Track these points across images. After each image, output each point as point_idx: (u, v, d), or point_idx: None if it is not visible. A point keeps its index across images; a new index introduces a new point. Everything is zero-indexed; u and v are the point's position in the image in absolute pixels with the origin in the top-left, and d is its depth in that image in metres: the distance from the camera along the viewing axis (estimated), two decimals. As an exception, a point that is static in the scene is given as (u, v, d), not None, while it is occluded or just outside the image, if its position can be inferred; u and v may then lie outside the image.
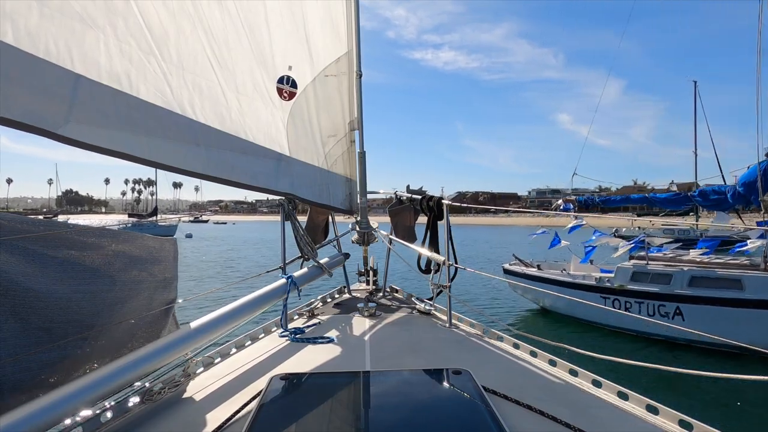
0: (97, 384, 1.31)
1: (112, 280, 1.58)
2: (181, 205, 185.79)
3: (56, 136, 1.41)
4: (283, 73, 2.55)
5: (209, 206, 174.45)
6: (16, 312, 1.29)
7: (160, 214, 43.90)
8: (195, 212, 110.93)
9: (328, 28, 2.91)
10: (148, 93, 1.74)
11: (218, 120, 2.08)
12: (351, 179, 3.22)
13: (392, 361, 1.89)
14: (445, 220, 2.70)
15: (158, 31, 1.80)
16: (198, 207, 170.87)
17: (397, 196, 3.41)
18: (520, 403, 1.46)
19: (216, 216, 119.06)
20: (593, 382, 1.69)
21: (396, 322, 2.54)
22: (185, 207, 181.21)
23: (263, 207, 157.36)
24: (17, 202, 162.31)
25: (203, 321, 1.77)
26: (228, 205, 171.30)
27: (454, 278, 2.60)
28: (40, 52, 1.38)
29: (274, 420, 1.28)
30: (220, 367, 1.92)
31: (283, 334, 2.29)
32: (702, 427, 1.36)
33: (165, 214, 75.35)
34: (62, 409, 1.21)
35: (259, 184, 2.37)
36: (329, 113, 2.98)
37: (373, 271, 3.47)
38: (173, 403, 1.57)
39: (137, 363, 1.46)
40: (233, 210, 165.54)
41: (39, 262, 1.37)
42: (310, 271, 2.74)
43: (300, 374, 1.69)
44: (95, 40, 1.56)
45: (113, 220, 38.33)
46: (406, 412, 1.33)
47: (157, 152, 1.78)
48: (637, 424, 1.42)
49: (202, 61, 2.02)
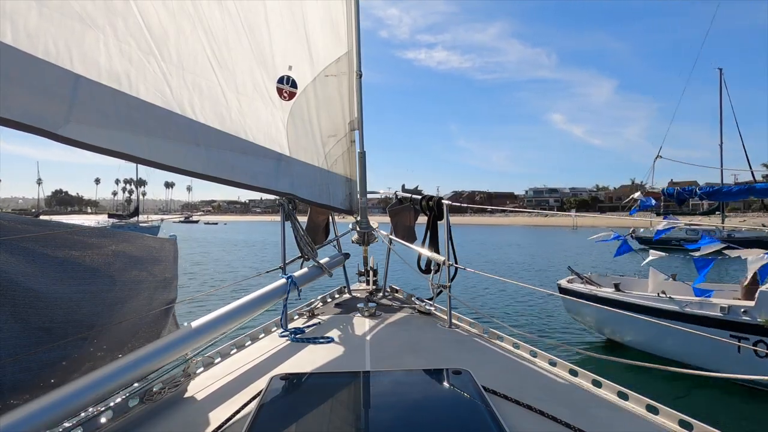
0: (97, 384, 1.31)
1: (112, 280, 1.58)
2: (173, 205, 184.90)
3: (56, 137, 1.41)
4: (283, 73, 2.55)
5: (202, 206, 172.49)
6: (16, 312, 1.29)
7: (146, 214, 42.22)
8: (187, 212, 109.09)
9: (328, 28, 2.91)
10: (148, 93, 1.74)
11: (218, 120, 2.08)
12: (351, 179, 3.22)
13: (392, 361, 1.89)
14: (445, 220, 2.70)
15: (158, 31, 1.80)
16: (190, 207, 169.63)
17: (397, 196, 3.41)
18: (520, 403, 1.46)
19: (207, 216, 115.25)
20: (593, 382, 1.69)
21: (396, 322, 2.54)
22: (177, 207, 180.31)
23: (257, 207, 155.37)
24: (7, 202, 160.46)
25: (203, 321, 1.77)
26: (221, 205, 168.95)
27: (454, 278, 2.60)
28: (39, 53, 1.38)
29: (274, 420, 1.27)
30: (220, 367, 1.92)
31: (283, 334, 2.29)
32: (702, 427, 1.36)
33: (148, 214, 72.53)
34: (62, 409, 1.21)
35: (259, 184, 2.37)
36: (329, 113, 2.98)
37: (373, 271, 3.47)
38: (173, 403, 1.57)
39: (137, 363, 1.46)
40: (226, 210, 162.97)
41: (39, 262, 1.38)
42: (310, 271, 2.74)
43: (300, 374, 1.69)
44: (95, 40, 1.56)
45: (91, 220, 36.87)
46: (406, 412, 1.33)
47: (157, 152, 1.78)
48: (637, 424, 1.42)
49: (202, 61, 2.02)
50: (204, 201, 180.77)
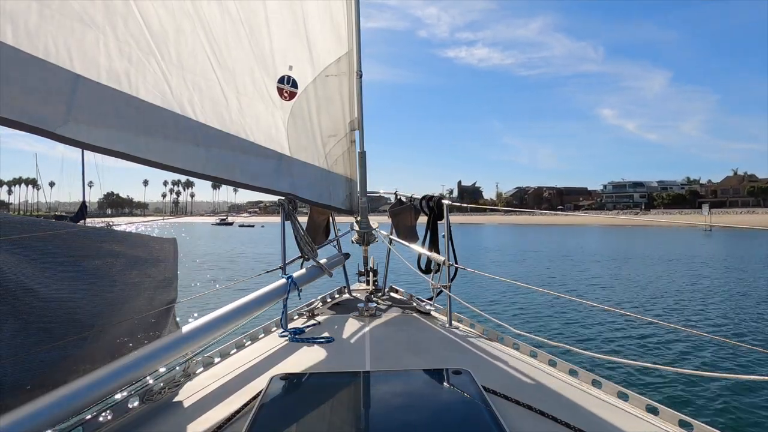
0: (97, 384, 1.31)
1: (112, 280, 1.58)
2: (219, 207, 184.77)
3: (55, 136, 1.41)
4: (283, 73, 2.55)
5: (248, 207, 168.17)
6: (16, 312, 1.29)
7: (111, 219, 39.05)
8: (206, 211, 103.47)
9: (329, 27, 2.91)
10: (148, 93, 1.74)
11: (218, 120, 2.08)
12: (351, 179, 3.22)
13: (392, 362, 1.90)
14: (445, 220, 2.71)
15: (158, 31, 1.80)
16: (236, 208, 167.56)
17: (397, 196, 3.41)
18: (520, 403, 1.46)
19: (241, 217, 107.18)
20: (593, 382, 1.69)
21: (396, 323, 2.54)
22: (224, 208, 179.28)
23: (303, 207, 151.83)
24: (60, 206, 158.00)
25: (203, 321, 1.77)
26: (267, 206, 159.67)
27: (454, 278, 2.60)
28: (39, 53, 1.38)
29: (273, 420, 1.28)
30: (220, 367, 1.92)
31: (283, 334, 2.29)
32: (702, 427, 1.36)
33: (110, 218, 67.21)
34: (62, 409, 1.21)
35: (260, 184, 2.37)
36: (330, 113, 2.98)
37: (373, 271, 3.47)
38: (173, 403, 1.57)
39: (137, 363, 1.46)
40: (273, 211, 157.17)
41: (39, 262, 1.37)
42: (310, 271, 2.74)
43: (300, 374, 1.69)
44: (95, 40, 1.56)
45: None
46: (406, 412, 1.33)
47: (157, 152, 1.78)
48: (637, 424, 1.42)
49: (202, 61, 2.02)
50: (250, 202, 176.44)
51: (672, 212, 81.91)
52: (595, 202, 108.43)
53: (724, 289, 12.42)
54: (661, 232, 48.77)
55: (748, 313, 9.89)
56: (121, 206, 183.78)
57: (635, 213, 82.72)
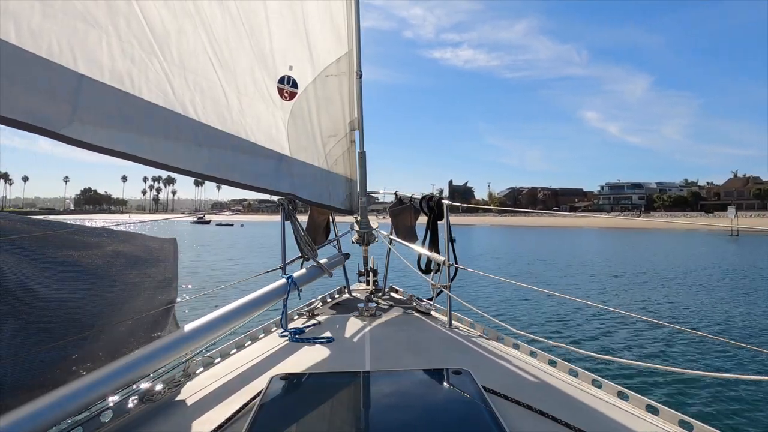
0: (97, 384, 1.31)
1: (112, 280, 1.58)
2: (202, 205, 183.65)
3: (60, 137, 1.41)
4: (283, 73, 2.55)
5: (232, 205, 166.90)
6: (16, 312, 1.29)
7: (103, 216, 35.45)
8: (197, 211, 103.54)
9: (329, 28, 2.91)
10: (150, 93, 1.75)
11: (219, 120, 2.09)
12: (351, 179, 3.22)
13: (392, 362, 1.90)
14: (445, 220, 2.71)
15: (160, 31, 1.80)
16: (221, 206, 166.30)
17: (397, 196, 3.42)
18: (520, 403, 1.46)
19: (220, 216, 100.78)
20: (593, 382, 1.69)
21: (396, 322, 2.54)
22: (207, 206, 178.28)
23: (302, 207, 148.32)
24: (36, 202, 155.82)
25: (203, 321, 1.77)
26: (251, 204, 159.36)
27: (454, 278, 2.60)
28: (42, 52, 1.38)
29: (273, 420, 1.28)
30: (220, 367, 1.92)
31: (283, 334, 2.29)
32: (702, 427, 1.36)
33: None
34: (62, 409, 1.21)
35: (260, 185, 2.37)
36: (330, 113, 2.98)
37: (373, 271, 3.47)
38: (173, 403, 1.57)
39: (137, 363, 1.46)
40: (257, 209, 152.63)
41: (39, 262, 1.37)
42: (310, 271, 2.74)
43: (300, 374, 1.69)
44: (98, 39, 1.56)
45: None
46: (406, 412, 1.33)
47: (159, 152, 1.78)
48: (637, 424, 1.42)
49: (204, 61, 2.02)
50: (234, 200, 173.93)
51: (676, 214, 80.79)
52: (591, 204, 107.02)
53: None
54: (675, 236, 44.58)
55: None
56: (98, 203, 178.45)
57: (636, 215, 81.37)
